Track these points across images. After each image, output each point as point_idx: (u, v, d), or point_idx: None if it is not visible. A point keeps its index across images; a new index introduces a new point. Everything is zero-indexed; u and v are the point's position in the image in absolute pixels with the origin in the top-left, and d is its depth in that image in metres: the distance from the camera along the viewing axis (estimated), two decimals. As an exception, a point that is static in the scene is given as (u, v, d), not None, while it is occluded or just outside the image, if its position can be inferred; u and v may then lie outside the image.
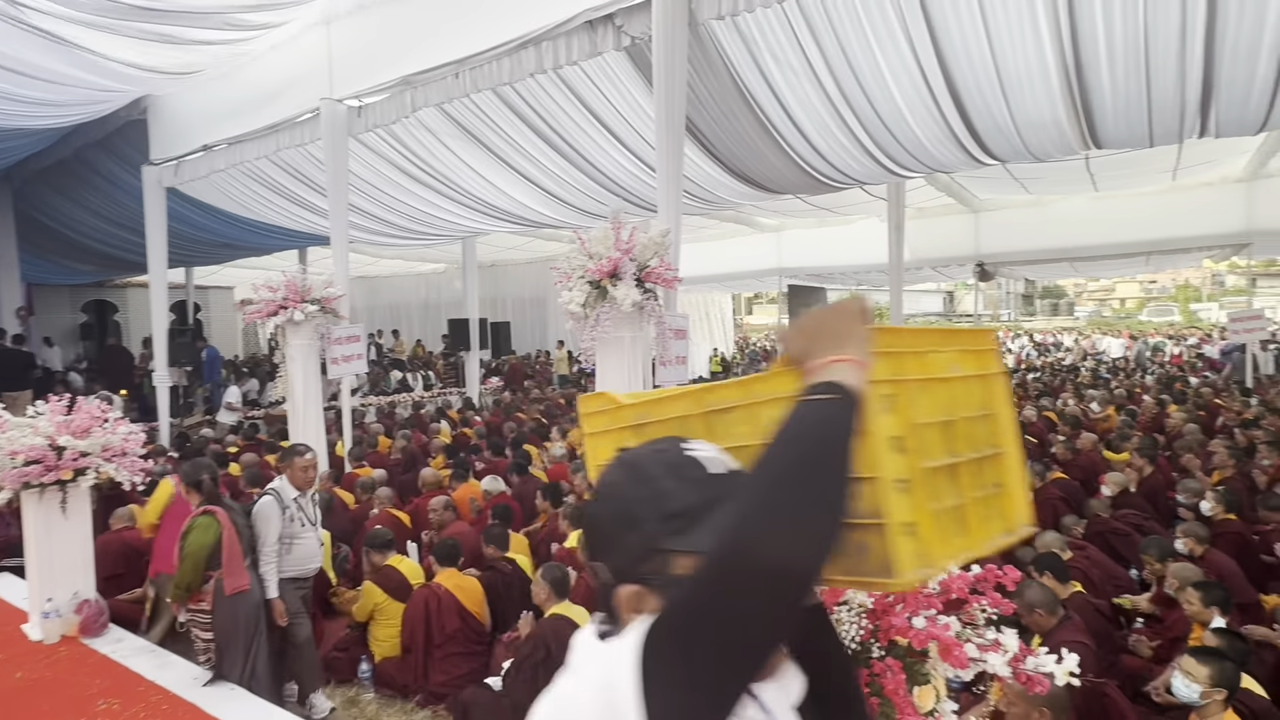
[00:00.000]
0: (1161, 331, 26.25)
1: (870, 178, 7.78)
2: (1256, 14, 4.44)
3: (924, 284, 32.36)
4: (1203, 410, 9.99)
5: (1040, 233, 12.85)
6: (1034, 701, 2.38)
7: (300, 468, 4.01)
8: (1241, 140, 8.50)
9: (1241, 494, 5.84)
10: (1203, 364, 16.74)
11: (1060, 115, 5.77)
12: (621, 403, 1.28)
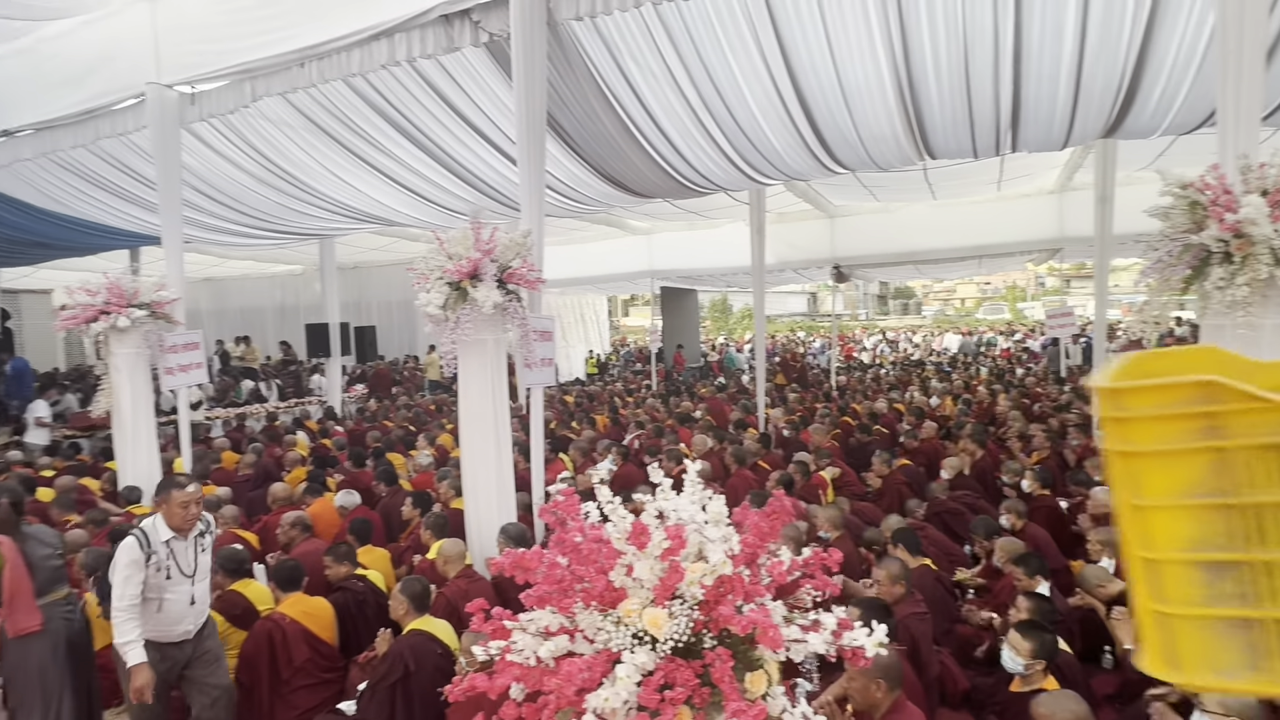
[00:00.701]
0: (994, 328, 29.01)
1: (732, 183, 8.06)
2: (1055, 46, 4.97)
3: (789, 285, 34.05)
4: (1025, 398, 11.10)
5: (888, 237, 13.79)
6: (870, 673, 2.53)
7: (179, 503, 3.31)
8: (1052, 156, 9.52)
9: (1055, 472, 6.53)
10: (1028, 356, 18.64)
11: (897, 128, 6.21)
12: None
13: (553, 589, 1.41)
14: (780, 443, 8.66)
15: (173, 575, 3.33)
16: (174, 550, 3.35)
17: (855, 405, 10.79)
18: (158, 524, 3.34)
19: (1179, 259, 3.42)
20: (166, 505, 3.35)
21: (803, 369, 16.72)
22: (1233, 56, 3.53)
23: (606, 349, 23.65)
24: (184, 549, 3.38)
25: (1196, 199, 3.38)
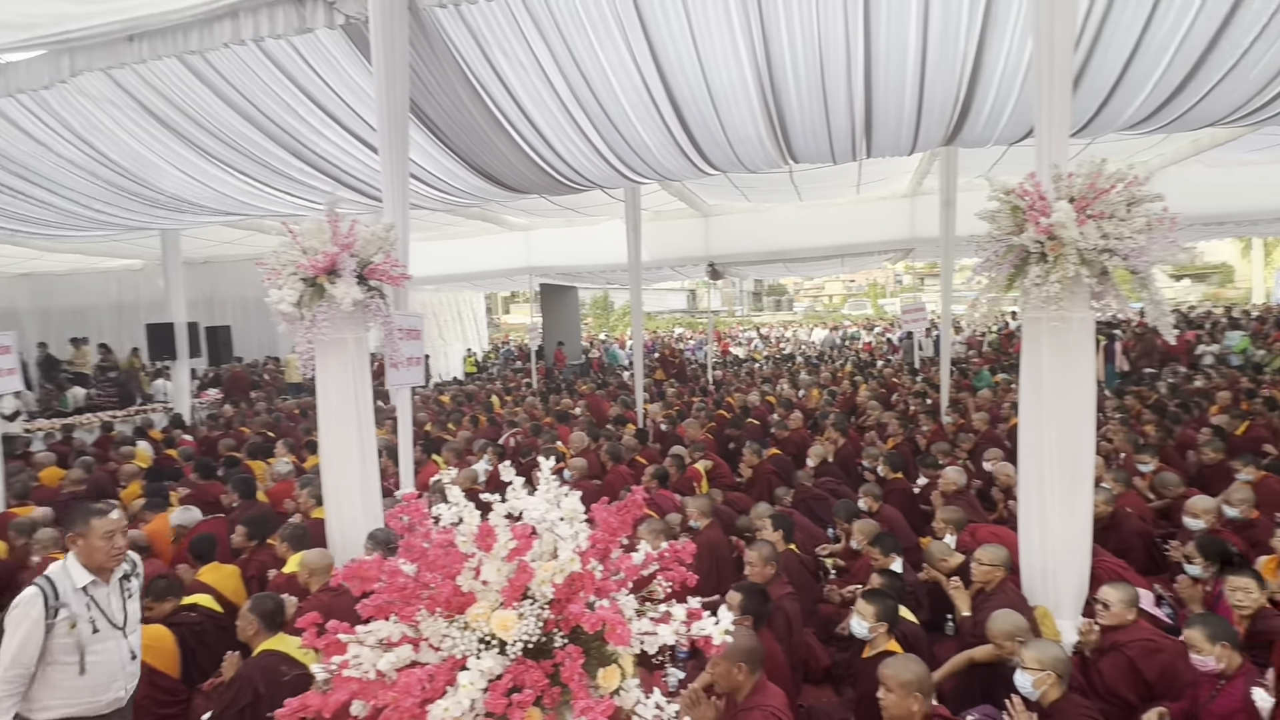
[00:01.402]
0: (857, 323, 30.88)
1: (607, 180, 8.08)
2: (900, 58, 5.32)
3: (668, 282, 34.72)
4: (883, 388, 11.88)
5: (759, 236, 14.34)
6: (732, 658, 2.62)
7: (101, 535, 2.77)
8: (904, 162, 10.23)
9: (907, 456, 7.03)
10: (888, 348, 19.99)
11: (762, 131, 6.44)
12: None
13: (394, 597, 1.35)
14: (658, 437, 8.81)
15: (100, 628, 2.76)
16: (95, 598, 2.77)
17: (730, 399, 11.14)
18: (70, 568, 2.76)
19: (1003, 258, 3.76)
20: (84, 540, 2.76)
21: (681, 365, 17.09)
22: (1045, 82, 3.91)
23: (485, 347, 23.15)
24: (107, 595, 2.82)
25: (1017, 204, 3.72)
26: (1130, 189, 3.54)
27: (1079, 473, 3.85)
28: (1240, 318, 16.95)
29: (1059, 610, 3.89)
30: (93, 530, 2.77)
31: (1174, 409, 8.55)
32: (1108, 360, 12.18)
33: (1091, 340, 3.86)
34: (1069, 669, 2.92)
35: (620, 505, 1.57)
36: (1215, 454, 6.33)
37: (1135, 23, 4.89)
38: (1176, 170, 11.98)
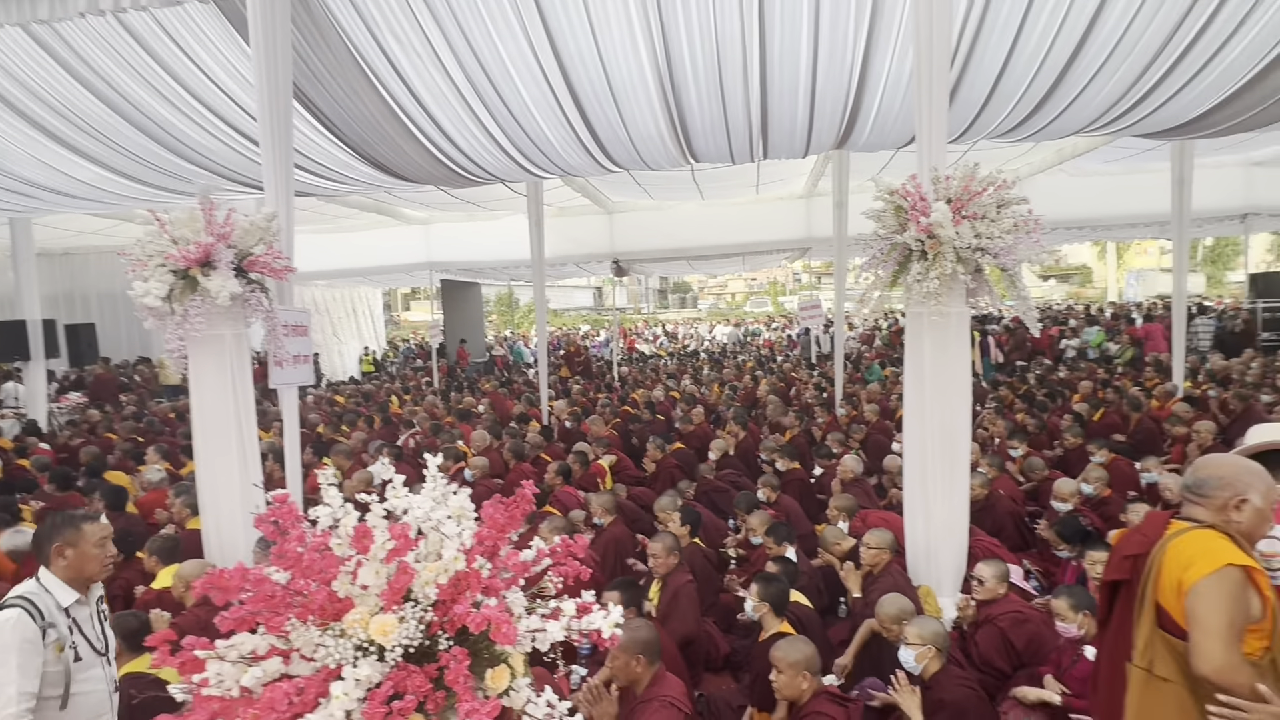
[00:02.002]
0: (759, 320, 31.78)
1: (508, 174, 7.94)
2: (793, 63, 5.49)
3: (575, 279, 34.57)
4: (782, 383, 12.27)
5: (663, 234, 14.49)
6: (630, 650, 2.63)
7: (94, 543, 2.45)
8: (800, 163, 10.58)
9: (804, 448, 7.28)
10: (787, 344, 20.68)
11: (663, 129, 6.50)
12: None
13: (261, 607, 1.26)
14: (562, 434, 8.75)
15: (83, 655, 2.42)
16: (77, 621, 2.43)
17: (635, 395, 11.20)
18: (50, 585, 2.40)
19: (888, 256, 3.95)
20: (75, 550, 2.40)
21: (586, 361, 17.06)
22: (924, 92, 4.12)
23: (384, 346, 22.32)
24: (88, 617, 2.49)
25: (900, 204, 3.91)
26: (999, 192, 3.79)
27: (957, 458, 4.09)
28: (1096, 315, 18.57)
29: (940, 588, 4.12)
30: (85, 538, 2.42)
31: (1041, 398, 9.25)
32: (984, 354, 13.04)
33: (967, 334, 4.11)
34: (948, 643, 3.11)
35: (509, 501, 1.54)
36: (1075, 439, 6.90)
37: (1004, 40, 5.24)
38: (1043, 178, 12.97)
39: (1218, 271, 32.99)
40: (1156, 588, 1.96)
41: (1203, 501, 1.99)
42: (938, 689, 2.88)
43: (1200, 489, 2.00)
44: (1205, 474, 2.01)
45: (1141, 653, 1.99)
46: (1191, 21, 5.03)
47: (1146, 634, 1.98)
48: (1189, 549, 1.91)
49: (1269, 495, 1.96)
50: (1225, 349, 13.23)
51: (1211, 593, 1.82)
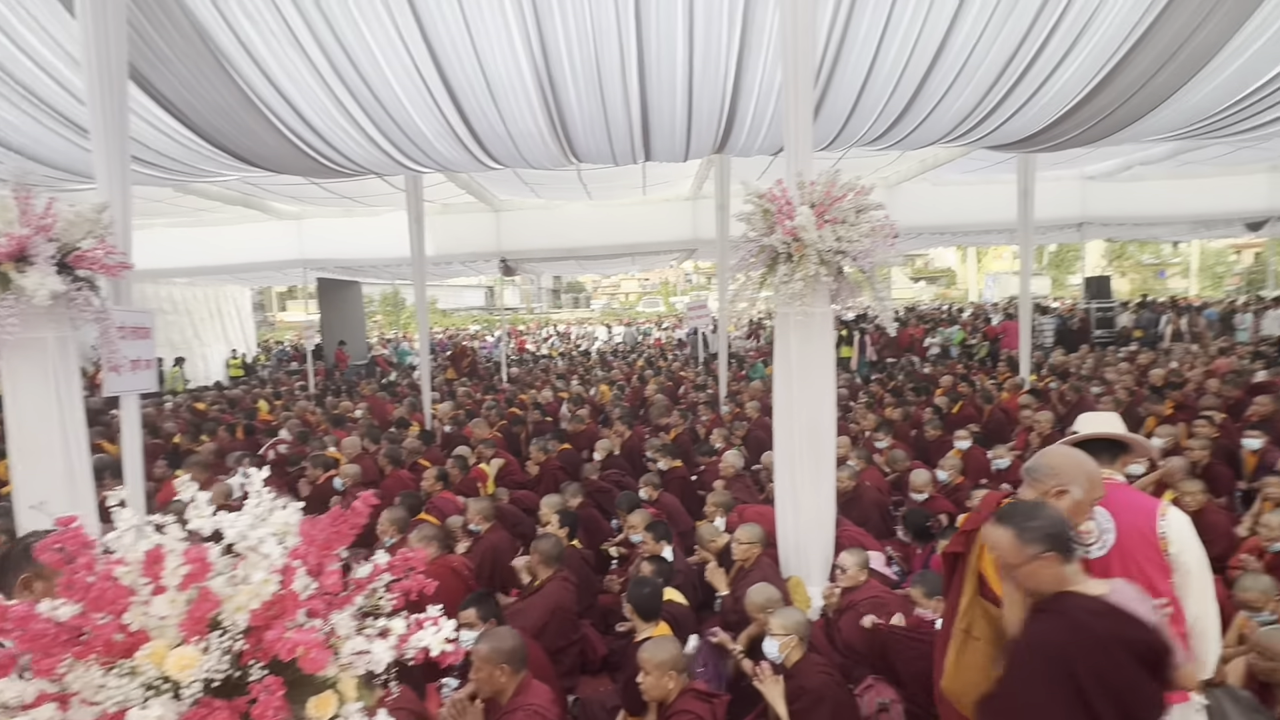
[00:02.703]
0: (650, 320, 32.17)
1: (381, 168, 7.61)
2: (670, 66, 5.55)
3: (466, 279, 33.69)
4: (670, 382, 12.45)
5: (552, 233, 14.36)
6: (493, 660, 2.56)
7: None
8: (685, 166, 10.75)
9: (686, 445, 7.40)
10: (676, 345, 21.01)
11: (543, 127, 6.41)
12: None
13: (29, 648, 1.11)
14: (445, 438, 8.49)
15: None
16: None
17: (523, 396, 11.04)
18: None
19: (757, 257, 4.06)
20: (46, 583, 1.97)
21: (474, 363, 16.66)
22: (791, 101, 4.28)
23: (255, 348, 20.92)
24: None
25: (768, 207, 4.03)
26: (858, 198, 3.98)
27: (823, 452, 4.26)
28: (957, 315, 20.03)
29: (810, 578, 4.29)
30: None
31: (908, 393, 9.84)
32: (860, 351, 13.76)
33: (831, 333, 4.30)
34: (809, 631, 3.22)
35: (334, 515, 1.44)
36: (935, 430, 7.38)
37: (865, 54, 5.51)
38: (909, 186, 13.83)
39: (1061, 275, 36.34)
40: (980, 559, 2.15)
41: (1033, 485, 2.18)
42: (798, 677, 2.98)
43: (1033, 473, 2.19)
44: (1042, 461, 2.20)
45: (962, 615, 2.17)
46: (1029, 44, 5.48)
47: (968, 600, 2.17)
48: None
49: (1090, 492, 2.13)
50: (1065, 345, 14.56)
51: None
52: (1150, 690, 1.79)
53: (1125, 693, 1.75)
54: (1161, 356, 11.89)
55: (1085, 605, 1.84)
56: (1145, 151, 11.70)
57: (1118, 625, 1.80)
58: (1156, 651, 1.80)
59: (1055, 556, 1.89)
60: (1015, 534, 1.92)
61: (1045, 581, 1.91)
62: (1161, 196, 14.37)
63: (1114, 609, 1.83)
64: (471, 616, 3.25)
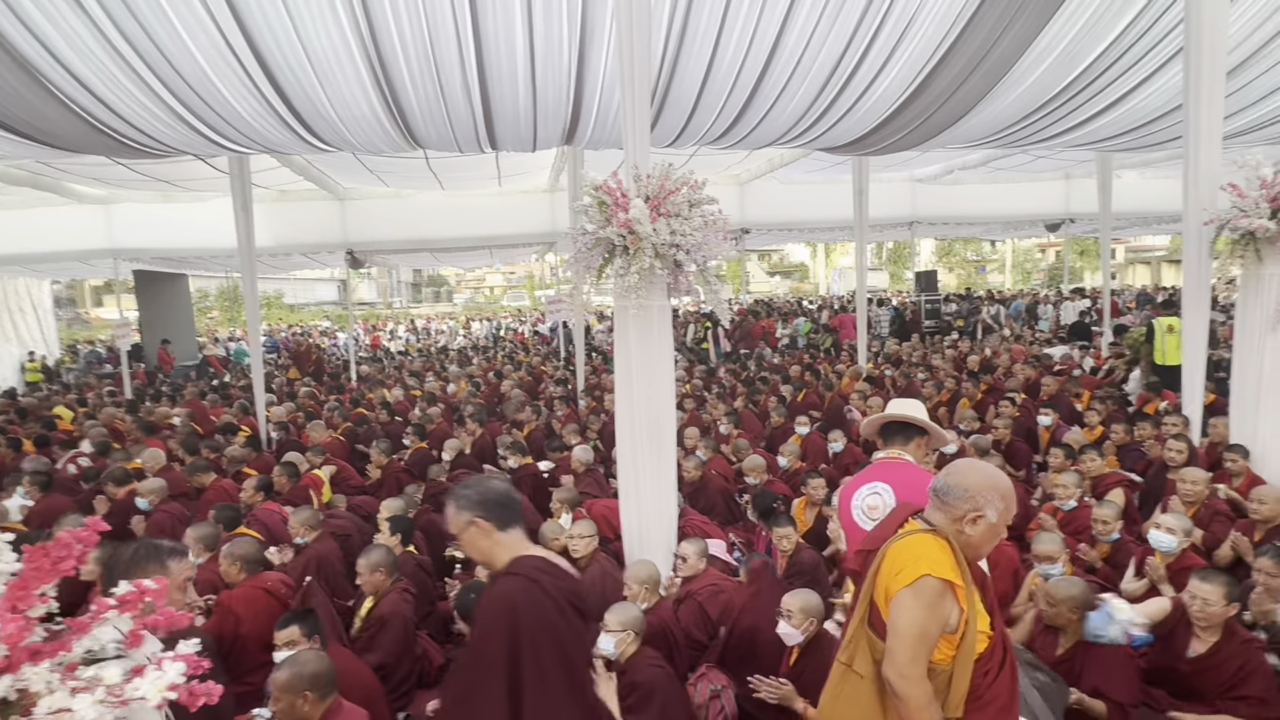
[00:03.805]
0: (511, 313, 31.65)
1: (196, 148, 6.89)
2: (510, 52, 5.38)
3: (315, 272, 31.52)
4: (530, 377, 12.26)
5: (403, 223, 13.70)
6: (292, 689, 2.35)
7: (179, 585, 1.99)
8: (541, 157, 10.56)
9: (539, 441, 7.28)
10: (538, 339, 20.75)
11: (377, 110, 6.04)
12: None
13: None
14: (281, 444, 7.87)
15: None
16: None
17: (370, 395, 10.46)
18: None
19: (593, 250, 4.01)
20: None
21: (318, 361, 15.62)
22: (629, 94, 4.27)
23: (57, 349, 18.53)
24: None
25: (604, 200, 3.99)
26: (691, 192, 4.01)
27: (664, 444, 4.29)
28: (806, 308, 21.18)
29: (653, 569, 4.31)
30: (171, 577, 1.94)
31: (757, 383, 10.24)
32: (715, 343, 14.18)
33: (669, 326, 4.32)
34: (644, 626, 3.21)
35: (32, 553, 1.22)
36: (780, 418, 7.70)
37: (703, 52, 5.60)
38: (759, 184, 14.41)
39: (898, 269, 39.36)
40: (874, 585, 1.96)
41: (944, 509, 1.96)
42: (631, 672, 2.97)
43: (944, 496, 1.96)
44: (952, 482, 1.97)
45: (844, 647, 2.03)
46: (854, 49, 5.78)
47: (854, 629, 2.00)
48: (903, 555, 1.92)
49: (1004, 514, 1.94)
50: (900, 335, 15.74)
51: (908, 602, 1.84)
52: (584, 636, 2.04)
53: (567, 638, 1.94)
54: (976, 344, 13.11)
55: (532, 564, 1.98)
56: (963, 157, 12.83)
57: (558, 580, 2.00)
58: (585, 605, 2.03)
59: (489, 525, 2.00)
60: (452, 503, 2.06)
61: (483, 550, 2.03)
62: (978, 199, 15.87)
63: (554, 566, 2.02)
64: (294, 634, 2.98)
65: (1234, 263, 4.94)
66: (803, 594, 3.14)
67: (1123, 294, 20.81)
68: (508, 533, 2.04)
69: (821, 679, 3.03)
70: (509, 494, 2.11)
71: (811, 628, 3.08)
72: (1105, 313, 12.49)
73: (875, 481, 2.61)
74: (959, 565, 1.88)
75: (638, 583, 3.47)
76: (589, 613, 2.06)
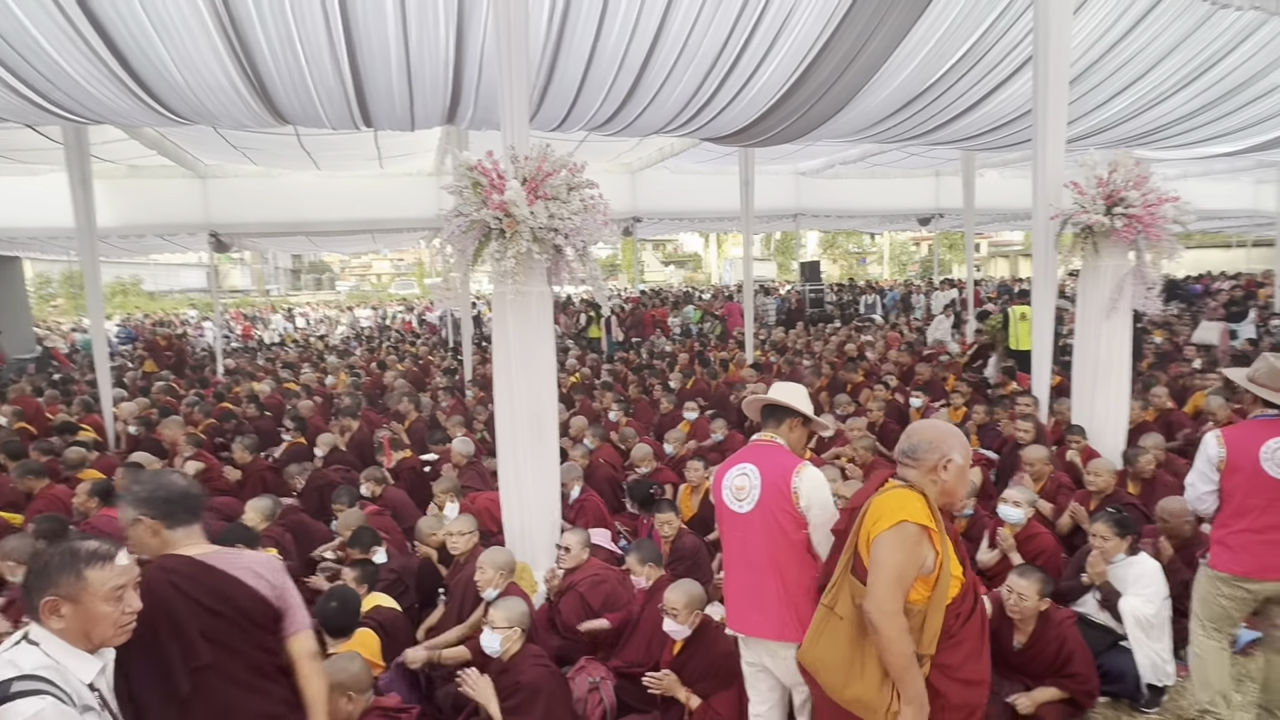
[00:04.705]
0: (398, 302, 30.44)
1: (21, 115, 6.13)
2: (379, 21, 5.07)
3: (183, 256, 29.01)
4: (416, 367, 11.80)
5: (275, 205, 12.83)
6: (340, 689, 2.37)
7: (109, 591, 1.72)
8: (426, 138, 10.11)
9: (422, 433, 7.00)
10: (425, 329, 20.05)
11: (235, 80, 5.57)
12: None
13: None
14: (131, 444, 7.18)
15: None
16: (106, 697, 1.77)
17: (237, 389, 9.74)
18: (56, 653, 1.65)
19: (467, 233, 3.84)
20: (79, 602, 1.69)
21: (180, 353, 14.41)
22: (506, 72, 4.12)
23: None
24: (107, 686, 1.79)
25: (479, 180, 3.83)
26: (571, 175, 3.92)
27: (545, 434, 4.20)
28: (695, 296, 21.56)
29: (536, 562, 4.22)
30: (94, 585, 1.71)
31: (645, 372, 10.29)
32: (607, 332, 14.16)
33: (550, 312, 4.22)
34: (531, 621, 3.11)
35: None
36: (669, 405, 7.76)
37: (587, 33, 5.51)
38: (650, 173, 14.47)
39: (786, 260, 40.74)
40: (857, 536, 2.13)
41: (915, 464, 2.13)
42: (514, 671, 2.88)
43: (914, 454, 2.13)
44: (916, 440, 2.15)
45: (828, 591, 2.16)
46: (736, 39, 5.85)
47: (838, 576, 2.14)
48: (884, 506, 2.06)
49: (967, 455, 2.16)
50: (786, 324, 16.29)
51: (888, 544, 1.99)
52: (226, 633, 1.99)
53: (186, 633, 1.94)
54: (855, 333, 13.75)
55: (171, 562, 1.98)
56: (843, 152, 13.38)
57: (197, 578, 1.97)
58: (237, 606, 2.01)
59: (156, 522, 2.00)
60: (122, 499, 2.06)
61: (152, 549, 2.02)
62: (857, 193, 16.62)
63: (200, 565, 2.00)
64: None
65: (1076, 255, 5.37)
66: (685, 587, 3.12)
67: (985, 285, 22.42)
68: (176, 531, 2.02)
69: (706, 666, 3.11)
70: (186, 492, 2.08)
71: (696, 620, 3.08)
72: (970, 302, 13.40)
73: (745, 463, 2.63)
74: (934, 514, 2.06)
75: (493, 568, 3.35)
76: (234, 613, 2.00)
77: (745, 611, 2.54)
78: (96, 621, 1.71)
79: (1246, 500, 3.05)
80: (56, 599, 1.67)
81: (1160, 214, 4.90)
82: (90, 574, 1.71)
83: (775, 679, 2.58)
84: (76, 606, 1.68)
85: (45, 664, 1.63)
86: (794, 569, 2.45)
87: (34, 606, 1.68)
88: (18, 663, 1.59)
